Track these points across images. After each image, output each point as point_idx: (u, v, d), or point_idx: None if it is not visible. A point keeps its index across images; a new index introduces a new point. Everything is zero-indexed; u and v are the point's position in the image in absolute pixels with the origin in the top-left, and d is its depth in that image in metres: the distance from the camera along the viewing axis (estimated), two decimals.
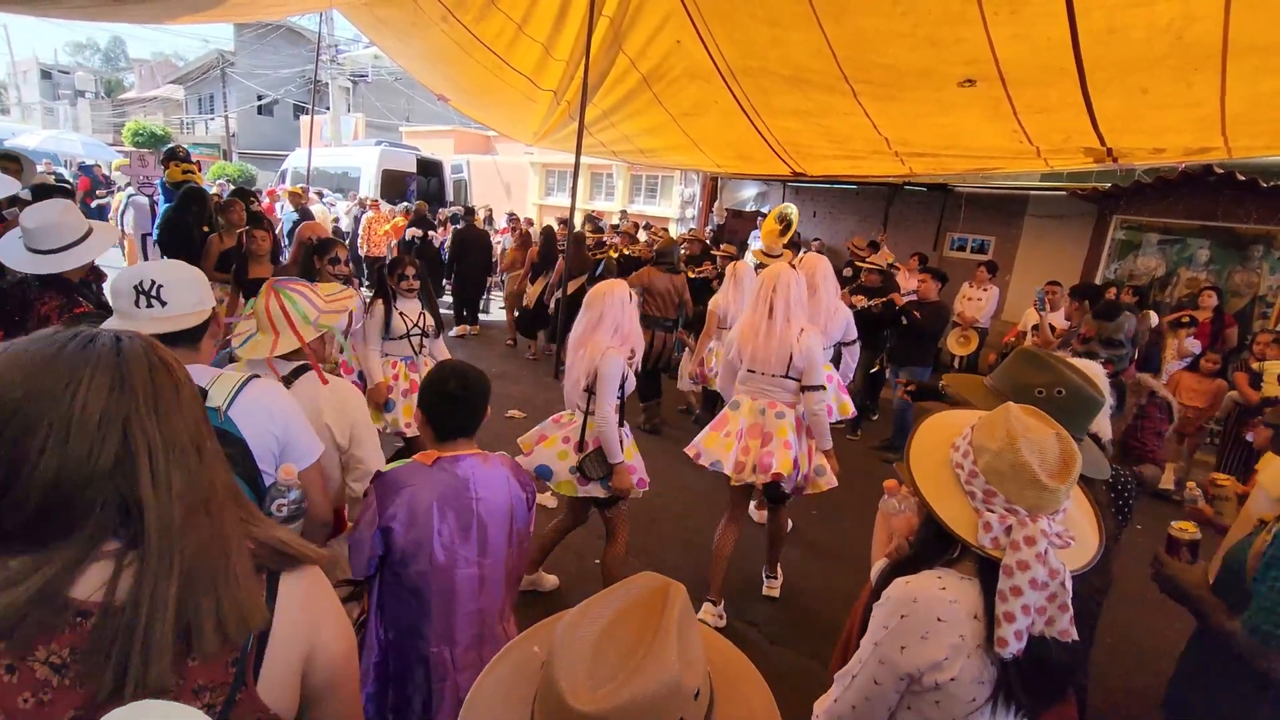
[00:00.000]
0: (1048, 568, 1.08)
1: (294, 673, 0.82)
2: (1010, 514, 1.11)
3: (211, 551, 0.73)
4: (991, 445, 1.13)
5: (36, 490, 0.65)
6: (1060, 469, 1.11)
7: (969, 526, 1.14)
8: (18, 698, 0.65)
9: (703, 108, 6.67)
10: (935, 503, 1.17)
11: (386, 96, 24.82)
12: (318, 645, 0.85)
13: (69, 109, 31.87)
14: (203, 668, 0.72)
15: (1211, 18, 3.25)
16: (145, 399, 0.71)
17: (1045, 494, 1.10)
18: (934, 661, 1.13)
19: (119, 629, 0.66)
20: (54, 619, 0.66)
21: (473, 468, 1.71)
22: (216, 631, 0.71)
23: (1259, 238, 7.04)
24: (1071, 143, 4.93)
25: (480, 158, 18.29)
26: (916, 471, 1.22)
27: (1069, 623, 1.12)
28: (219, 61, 26.82)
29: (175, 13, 5.80)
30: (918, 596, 1.16)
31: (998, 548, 1.10)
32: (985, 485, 1.13)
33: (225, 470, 0.80)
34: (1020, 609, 1.08)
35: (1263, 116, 4.01)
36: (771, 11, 4.64)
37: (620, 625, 0.72)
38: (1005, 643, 1.08)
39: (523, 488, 1.83)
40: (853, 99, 5.28)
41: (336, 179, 14.49)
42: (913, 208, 10.37)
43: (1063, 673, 1.17)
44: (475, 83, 7.70)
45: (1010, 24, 3.80)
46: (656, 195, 14.88)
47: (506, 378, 6.80)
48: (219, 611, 0.71)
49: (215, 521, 0.74)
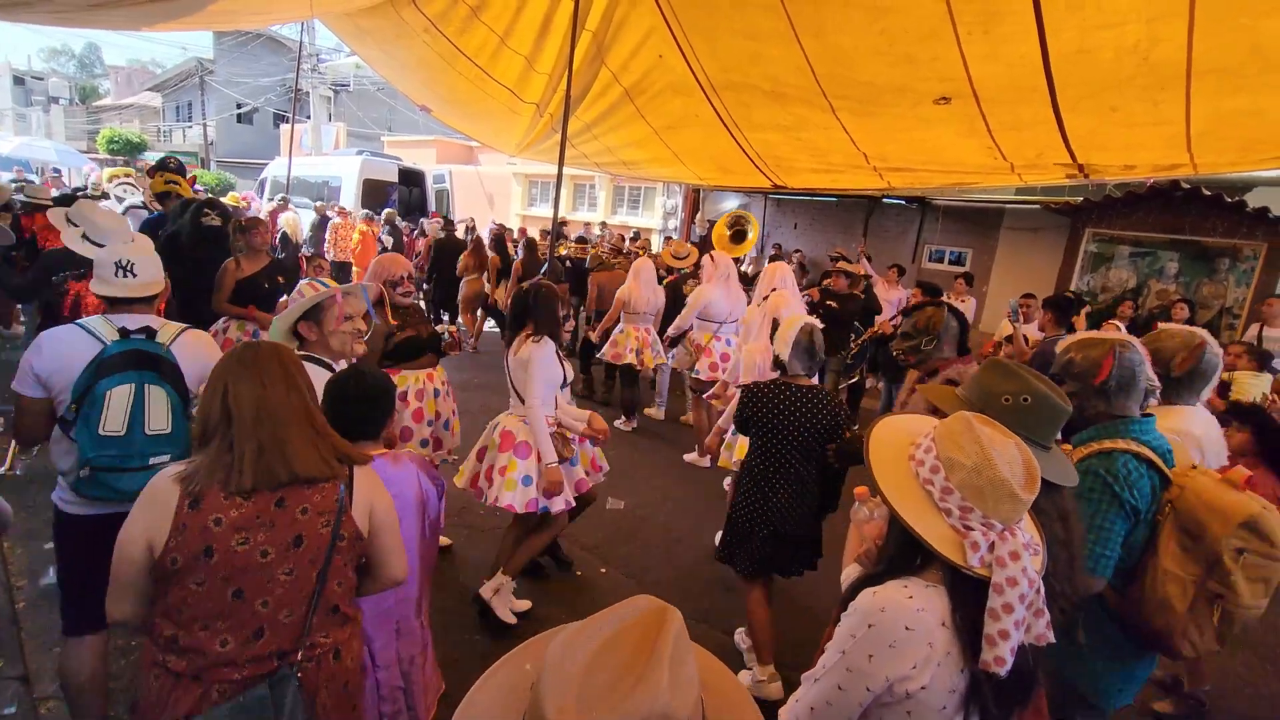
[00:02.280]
0: (1028, 579, 1.10)
1: (364, 514, 1.49)
2: (988, 528, 1.12)
3: (275, 436, 1.38)
4: (966, 461, 1.14)
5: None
6: (1028, 479, 1.14)
7: (954, 546, 1.13)
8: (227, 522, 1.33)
9: (685, 121, 6.72)
10: (914, 523, 1.16)
11: (368, 106, 24.70)
12: (374, 502, 1.52)
13: (42, 116, 31.29)
14: (320, 497, 1.41)
15: (1175, 40, 3.35)
16: (258, 372, 1.40)
17: (1019, 506, 1.12)
18: (903, 672, 1.13)
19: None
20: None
21: (381, 467, 1.74)
22: (288, 471, 1.38)
23: (1225, 251, 7.24)
24: (1044, 159, 5.04)
25: (463, 168, 18.25)
26: (884, 487, 1.21)
27: (1045, 627, 1.13)
28: (197, 69, 26.52)
29: (153, 20, 5.72)
30: (885, 606, 1.15)
31: (985, 565, 1.11)
32: (962, 502, 1.14)
33: (302, 403, 1.45)
34: (1013, 625, 1.08)
35: (1226, 134, 4.13)
36: (752, 27, 4.70)
37: (613, 649, 0.71)
38: (1003, 661, 1.08)
39: (432, 481, 1.96)
40: (831, 114, 5.35)
41: (317, 188, 14.35)
42: (892, 220, 10.53)
43: (1032, 677, 1.18)
44: (458, 94, 7.69)
45: (983, 43, 3.89)
46: (639, 206, 14.94)
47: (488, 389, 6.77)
48: (291, 463, 1.38)
49: (281, 426, 1.39)
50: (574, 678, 0.67)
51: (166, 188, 5.98)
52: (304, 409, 1.44)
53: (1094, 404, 1.90)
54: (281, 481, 1.36)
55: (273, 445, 1.36)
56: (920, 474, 1.20)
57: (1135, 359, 1.89)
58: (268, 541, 1.34)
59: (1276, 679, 3.35)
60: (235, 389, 1.36)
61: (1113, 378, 1.87)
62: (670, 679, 0.68)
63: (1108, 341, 1.93)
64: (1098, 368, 1.89)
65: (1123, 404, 1.89)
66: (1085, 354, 1.93)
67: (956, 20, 3.75)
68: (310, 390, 1.48)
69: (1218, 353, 2.18)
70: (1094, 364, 1.90)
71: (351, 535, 1.44)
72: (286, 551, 1.35)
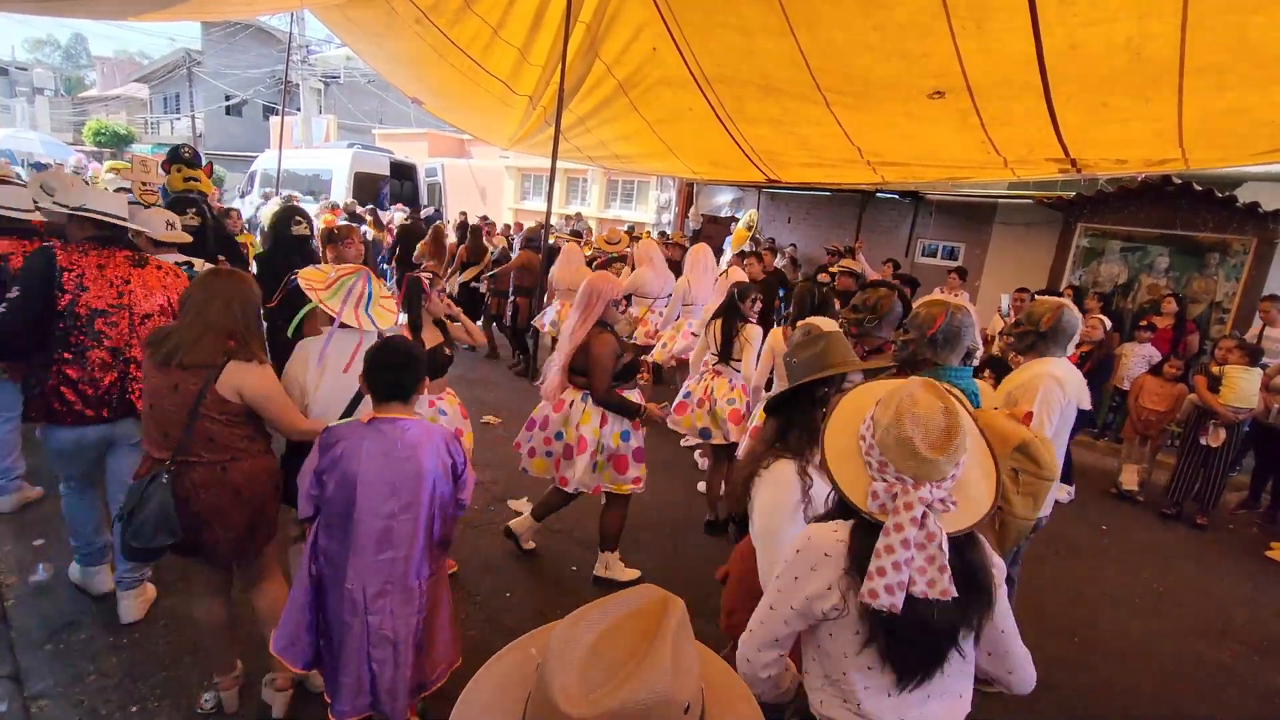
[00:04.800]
0: (924, 530, 1.20)
1: (232, 390, 2.13)
2: (898, 481, 1.24)
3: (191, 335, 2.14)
4: (883, 420, 1.26)
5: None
6: (941, 440, 1.23)
7: (861, 493, 1.27)
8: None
9: (678, 115, 6.69)
10: (835, 469, 1.32)
11: (359, 98, 24.49)
12: (241, 386, 2.14)
13: (26, 107, 30.86)
14: (195, 375, 2.11)
15: (1167, 36, 3.36)
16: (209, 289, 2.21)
17: (926, 464, 1.22)
18: (819, 590, 1.28)
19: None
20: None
21: (404, 429, 1.97)
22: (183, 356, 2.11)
23: (1215, 246, 7.29)
24: (1037, 153, 5.05)
25: (455, 161, 18.14)
26: (829, 442, 1.36)
27: (949, 582, 1.21)
28: (185, 60, 26.19)
29: (139, 9, 5.62)
30: (811, 535, 1.33)
31: (884, 513, 1.23)
32: (880, 456, 1.26)
33: (223, 317, 2.17)
34: (891, 565, 1.19)
35: (1217, 130, 4.15)
36: (746, 21, 4.68)
37: (616, 633, 0.73)
38: (876, 595, 1.20)
39: (453, 457, 2.07)
40: (825, 108, 5.34)
41: (308, 181, 14.24)
42: (885, 214, 10.54)
43: (943, 637, 1.25)
44: (450, 86, 7.62)
45: (976, 38, 3.88)
46: (633, 200, 14.91)
47: (479, 383, 6.74)
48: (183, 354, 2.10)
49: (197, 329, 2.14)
50: (578, 659, 0.69)
51: (187, 186, 5.14)
52: (223, 321, 2.15)
53: (924, 351, 2.34)
54: (178, 363, 2.10)
55: (187, 339, 2.11)
56: (860, 430, 1.34)
57: (965, 321, 2.32)
58: (165, 385, 2.12)
59: (1267, 670, 3.40)
60: (191, 294, 2.20)
61: (940, 332, 2.30)
62: (673, 663, 0.69)
63: (946, 304, 2.36)
64: (932, 321, 2.32)
65: (946, 355, 2.33)
66: (927, 310, 2.37)
67: (951, 15, 3.75)
68: (245, 312, 2.21)
69: (1076, 315, 2.82)
70: (930, 319, 2.33)
71: (214, 399, 2.11)
72: (171, 394, 2.10)
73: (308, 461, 2.00)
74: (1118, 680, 3.20)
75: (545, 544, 3.77)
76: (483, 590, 3.32)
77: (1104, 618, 3.76)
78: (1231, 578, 4.39)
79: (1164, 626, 3.72)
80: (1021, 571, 3.05)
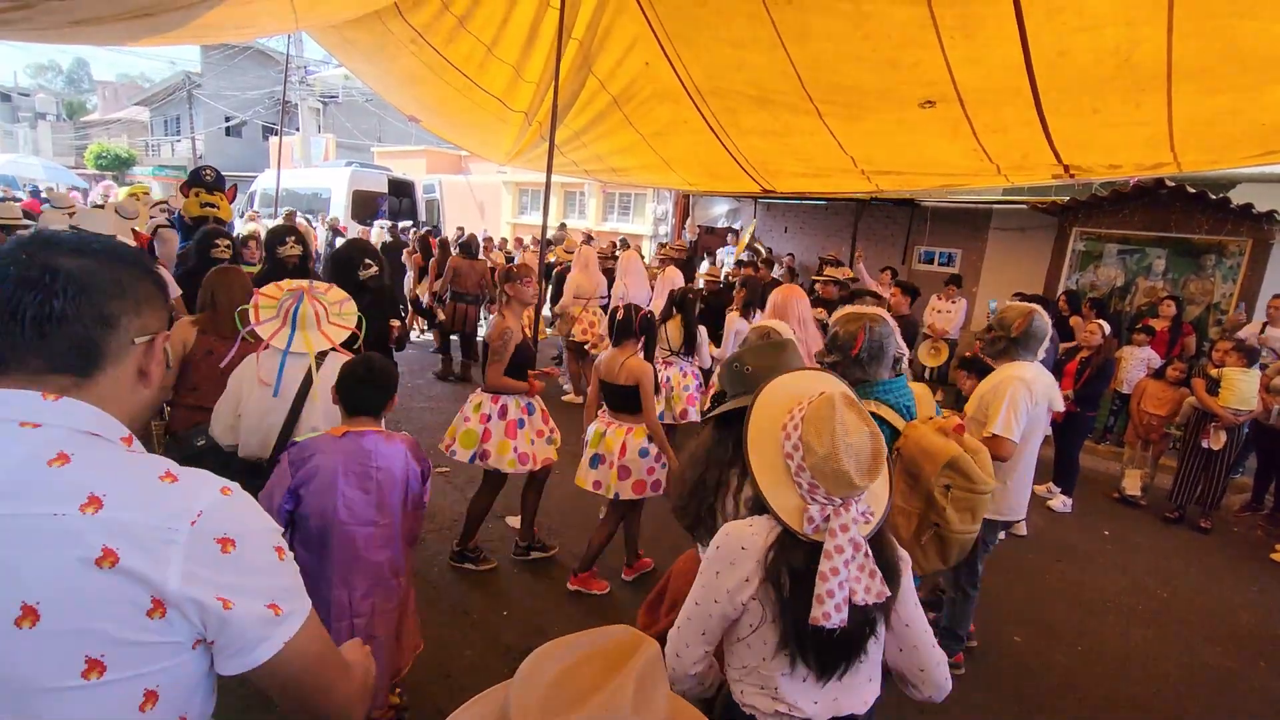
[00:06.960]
0: (854, 544, 1.28)
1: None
2: (829, 503, 1.30)
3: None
4: (818, 449, 1.29)
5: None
6: (873, 467, 1.30)
7: (796, 515, 1.32)
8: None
9: (672, 128, 6.73)
10: (769, 493, 1.34)
11: (357, 117, 24.68)
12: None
13: (29, 132, 31.16)
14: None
15: (1155, 40, 3.38)
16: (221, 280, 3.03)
17: (857, 490, 1.30)
18: (737, 582, 1.32)
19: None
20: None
21: (375, 442, 2.06)
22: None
23: (1210, 247, 7.29)
24: (1030, 160, 5.07)
25: (453, 178, 18.24)
26: (752, 454, 1.38)
27: (882, 583, 1.29)
28: (185, 83, 26.45)
29: (137, 35, 5.69)
30: (729, 531, 1.38)
31: (819, 534, 1.29)
32: (811, 480, 1.31)
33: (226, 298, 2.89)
34: (838, 585, 1.25)
35: (1208, 132, 4.17)
36: (736, 34, 4.72)
37: (583, 667, 0.73)
38: (829, 616, 1.24)
39: (418, 463, 2.16)
40: (818, 119, 5.38)
41: (307, 200, 14.32)
42: (881, 222, 10.57)
43: (856, 638, 1.31)
44: (446, 104, 7.68)
45: (965, 47, 3.91)
46: (630, 213, 14.96)
47: None
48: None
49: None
50: (541, 686, 0.71)
51: (203, 212, 4.79)
52: (225, 303, 2.79)
53: (852, 371, 2.27)
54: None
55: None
56: (785, 447, 1.36)
57: (884, 331, 2.27)
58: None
59: (1275, 676, 3.37)
60: (209, 282, 2.95)
61: (864, 350, 2.26)
62: (635, 699, 0.69)
63: (862, 318, 2.30)
64: (853, 340, 2.27)
65: (875, 370, 2.28)
66: (845, 329, 2.31)
67: (939, 24, 3.77)
68: (229, 298, 2.80)
69: (1046, 320, 2.86)
70: (850, 338, 2.27)
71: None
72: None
73: (275, 479, 2.01)
74: (1121, 691, 3.16)
75: (540, 562, 3.76)
76: (477, 608, 3.29)
77: (1108, 625, 3.72)
78: (1236, 581, 4.36)
79: (1168, 633, 3.68)
80: (1017, 579, 3.02)
